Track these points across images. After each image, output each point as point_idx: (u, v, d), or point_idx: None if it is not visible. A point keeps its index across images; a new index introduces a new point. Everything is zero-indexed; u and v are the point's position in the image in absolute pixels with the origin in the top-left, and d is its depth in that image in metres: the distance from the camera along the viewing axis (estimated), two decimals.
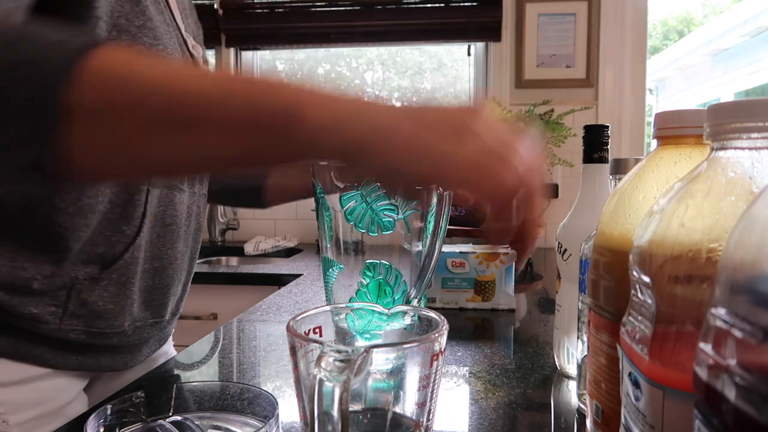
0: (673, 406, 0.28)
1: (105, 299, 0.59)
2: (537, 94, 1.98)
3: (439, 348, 0.38)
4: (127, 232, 0.59)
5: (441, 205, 0.65)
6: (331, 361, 0.31)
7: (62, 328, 0.57)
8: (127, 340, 0.65)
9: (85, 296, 0.57)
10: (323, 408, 0.31)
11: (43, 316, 0.55)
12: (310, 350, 0.35)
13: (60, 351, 0.59)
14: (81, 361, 0.61)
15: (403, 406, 0.38)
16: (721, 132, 0.29)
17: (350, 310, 0.48)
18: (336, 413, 0.30)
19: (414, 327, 0.49)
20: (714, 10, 7.49)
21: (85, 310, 0.58)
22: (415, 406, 0.38)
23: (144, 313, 0.66)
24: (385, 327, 0.67)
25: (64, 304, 0.56)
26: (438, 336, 0.38)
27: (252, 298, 1.33)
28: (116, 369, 0.68)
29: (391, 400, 0.38)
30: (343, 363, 0.31)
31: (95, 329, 0.59)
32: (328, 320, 0.48)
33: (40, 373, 0.58)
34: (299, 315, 0.42)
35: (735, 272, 0.21)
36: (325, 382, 0.31)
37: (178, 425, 0.47)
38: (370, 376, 0.36)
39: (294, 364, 0.37)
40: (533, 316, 1.06)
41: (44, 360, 0.58)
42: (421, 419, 0.38)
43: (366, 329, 0.65)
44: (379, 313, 0.49)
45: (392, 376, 0.38)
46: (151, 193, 0.61)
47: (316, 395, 0.31)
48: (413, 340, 0.37)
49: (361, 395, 0.38)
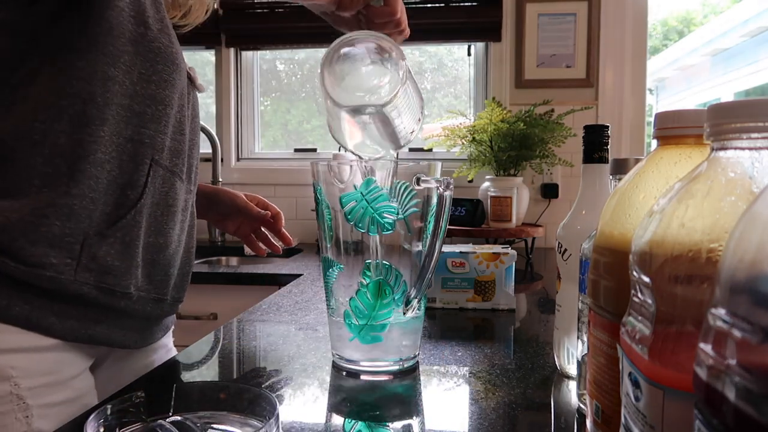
0: (673, 406, 0.28)
1: (112, 255, 0.65)
2: (537, 94, 1.98)
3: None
4: (131, 196, 0.66)
5: (441, 205, 0.66)
6: None
7: (77, 280, 0.62)
8: (133, 308, 0.69)
9: (95, 250, 0.63)
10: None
11: (61, 266, 0.60)
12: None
13: (71, 320, 0.63)
14: (91, 334, 0.66)
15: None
16: (722, 132, 0.29)
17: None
18: None
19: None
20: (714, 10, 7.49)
21: (96, 264, 0.63)
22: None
23: (147, 285, 0.71)
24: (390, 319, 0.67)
25: (77, 256, 0.62)
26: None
27: (252, 298, 1.33)
28: (125, 345, 0.71)
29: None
30: None
31: (105, 285, 0.64)
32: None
33: (49, 344, 0.62)
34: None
35: (735, 272, 0.21)
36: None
37: (178, 425, 0.47)
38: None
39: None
40: (533, 316, 1.06)
41: (55, 330, 0.62)
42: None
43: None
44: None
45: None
46: (154, 168, 0.68)
47: None
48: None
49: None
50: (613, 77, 2.02)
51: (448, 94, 2.35)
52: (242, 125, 2.30)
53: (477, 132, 1.86)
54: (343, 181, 0.66)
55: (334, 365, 0.71)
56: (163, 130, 0.68)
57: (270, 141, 2.40)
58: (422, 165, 0.66)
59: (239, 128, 2.30)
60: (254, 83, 2.32)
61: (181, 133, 0.72)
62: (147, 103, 0.65)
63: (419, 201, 0.66)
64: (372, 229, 0.66)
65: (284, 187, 2.16)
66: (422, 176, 0.64)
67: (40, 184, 0.60)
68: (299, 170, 2.17)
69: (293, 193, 2.15)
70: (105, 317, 0.67)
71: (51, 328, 0.62)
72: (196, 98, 0.80)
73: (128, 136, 0.65)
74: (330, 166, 0.67)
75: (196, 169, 0.80)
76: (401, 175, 0.65)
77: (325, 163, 0.67)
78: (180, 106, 0.71)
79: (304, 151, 2.29)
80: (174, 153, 0.71)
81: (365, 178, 0.64)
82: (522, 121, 1.80)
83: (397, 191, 0.64)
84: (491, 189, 1.82)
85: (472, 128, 1.88)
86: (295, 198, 2.15)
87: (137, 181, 0.66)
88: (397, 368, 0.69)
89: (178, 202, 0.73)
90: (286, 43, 2.22)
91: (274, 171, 2.20)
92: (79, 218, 0.62)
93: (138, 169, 0.66)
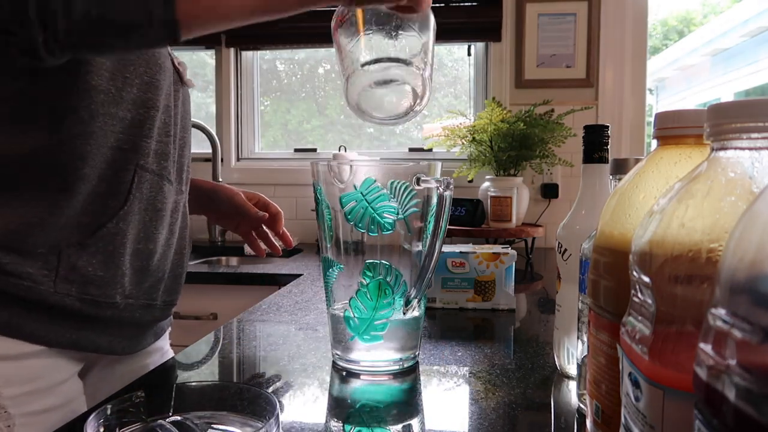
0: (673, 406, 0.28)
1: (94, 265, 0.63)
2: (537, 94, 1.98)
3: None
4: (112, 205, 0.64)
5: (441, 205, 0.66)
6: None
7: (57, 292, 0.60)
8: (120, 316, 0.67)
9: (74, 261, 0.61)
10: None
11: (38, 277, 0.59)
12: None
13: (55, 326, 0.61)
14: (76, 340, 0.64)
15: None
16: (722, 132, 0.29)
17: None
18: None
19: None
20: (714, 10, 7.49)
21: (76, 275, 0.61)
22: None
23: (136, 291, 0.69)
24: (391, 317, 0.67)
25: (55, 268, 0.60)
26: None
27: (252, 298, 1.33)
28: (113, 352, 0.70)
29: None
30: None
31: (88, 296, 0.62)
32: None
33: (33, 350, 0.60)
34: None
35: (735, 272, 0.21)
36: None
37: (178, 425, 0.47)
38: None
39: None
40: (533, 316, 1.06)
41: (38, 336, 0.60)
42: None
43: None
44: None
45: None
46: (139, 174, 0.66)
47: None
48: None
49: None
50: (613, 77, 2.01)
51: (448, 94, 2.35)
52: (242, 125, 2.30)
53: (477, 132, 1.86)
54: (343, 181, 0.66)
55: (334, 365, 0.71)
56: (147, 134, 0.66)
57: (270, 141, 2.40)
58: (422, 165, 0.66)
59: (239, 128, 2.30)
60: (254, 83, 2.32)
61: (167, 135, 0.70)
62: (128, 107, 0.63)
63: (419, 201, 0.66)
64: (372, 229, 0.66)
65: (284, 187, 2.16)
66: (422, 176, 0.64)
67: (10, 196, 0.58)
68: (299, 170, 2.17)
69: (293, 193, 2.15)
70: (90, 325, 0.65)
71: (33, 335, 0.60)
72: (187, 95, 0.78)
73: (111, 144, 0.62)
74: (330, 166, 0.67)
75: (187, 167, 0.78)
76: (401, 175, 0.65)
77: (325, 163, 0.67)
78: (166, 107, 0.69)
79: (304, 151, 2.29)
80: (160, 156, 0.69)
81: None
82: (522, 121, 1.80)
83: (397, 191, 0.64)
84: (491, 189, 1.82)
85: (472, 128, 1.88)
86: (295, 198, 2.15)
87: (119, 190, 0.64)
88: (397, 368, 0.69)
89: (167, 206, 0.71)
90: (286, 43, 2.22)
91: (274, 171, 2.20)
92: (52, 229, 0.60)
93: (119, 176, 0.64)
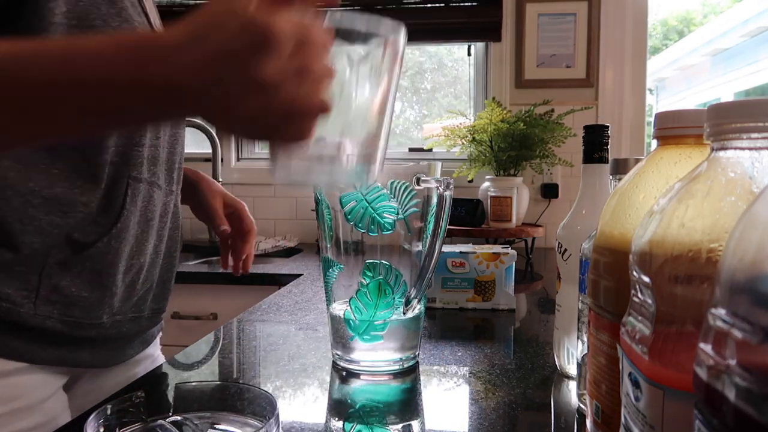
0: (673, 406, 0.28)
1: (78, 286, 0.59)
2: (537, 94, 1.98)
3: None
4: (102, 222, 0.60)
5: (441, 205, 0.66)
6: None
7: (38, 314, 0.57)
8: (106, 333, 0.65)
9: (56, 281, 0.58)
10: None
11: (17, 298, 0.56)
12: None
13: (36, 344, 0.59)
14: (58, 356, 0.61)
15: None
16: (722, 132, 0.29)
17: None
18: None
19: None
20: (714, 10, 7.49)
21: (59, 296, 0.58)
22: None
23: (124, 308, 0.67)
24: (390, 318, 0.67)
25: (36, 288, 0.57)
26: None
27: (252, 298, 1.33)
28: (97, 365, 0.68)
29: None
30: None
31: (71, 318, 0.59)
32: None
33: (15, 368, 0.58)
34: None
35: (735, 272, 0.21)
36: None
37: (178, 425, 0.47)
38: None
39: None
40: (533, 316, 1.06)
41: (19, 354, 0.58)
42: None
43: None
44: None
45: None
46: (132, 187, 0.62)
47: None
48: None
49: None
50: (613, 77, 2.01)
51: (448, 94, 2.35)
52: None
53: (477, 132, 1.86)
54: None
55: (334, 365, 0.71)
56: (139, 142, 0.63)
57: None
58: (422, 165, 0.66)
59: None
60: None
61: (157, 137, 0.67)
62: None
63: (419, 201, 0.66)
64: (372, 229, 0.66)
65: (284, 187, 2.16)
66: (422, 176, 0.64)
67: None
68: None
69: (293, 193, 2.15)
70: (74, 345, 0.62)
71: (15, 352, 0.57)
72: None
73: (102, 158, 0.59)
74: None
75: (179, 164, 0.74)
76: (401, 175, 0.65)
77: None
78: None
79: None
80: (151, 162, 0.66)
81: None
82: (522, 121, 1.80)
83: (397, 191, 0.64)
84: (491, 189, 1.82)
85: (472, 128, 1.88)
86: (295, 198, 2.15)
87: (112, 206, 0.61)
88: (397, 368, 0.69)
89: (156, 214, 0.69)
90: None
91: None
92: (32, 247, 0.56)
93: (111, 192, 0.60)
